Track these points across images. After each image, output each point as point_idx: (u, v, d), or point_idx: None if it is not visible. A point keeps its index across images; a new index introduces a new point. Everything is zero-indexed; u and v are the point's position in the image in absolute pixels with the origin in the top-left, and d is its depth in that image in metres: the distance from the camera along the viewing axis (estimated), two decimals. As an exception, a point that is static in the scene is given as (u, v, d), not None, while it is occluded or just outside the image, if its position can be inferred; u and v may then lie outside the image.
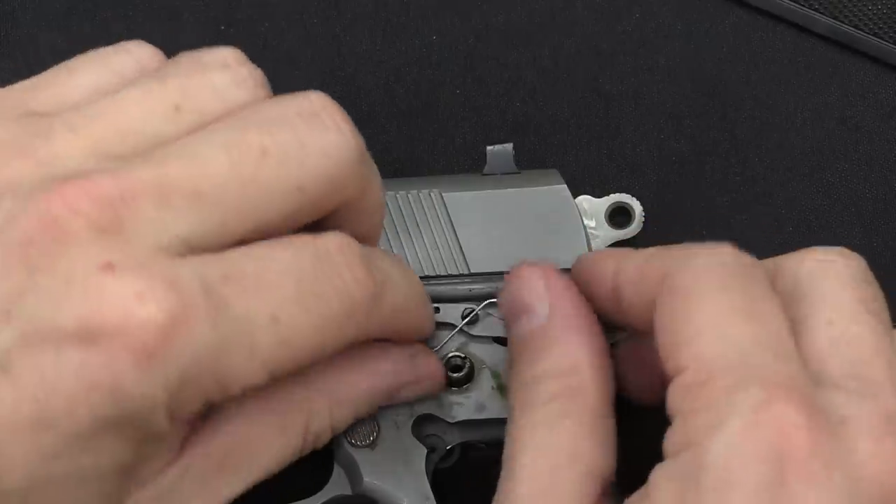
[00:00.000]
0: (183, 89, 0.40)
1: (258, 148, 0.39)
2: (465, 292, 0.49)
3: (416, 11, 0.57)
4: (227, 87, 0.41)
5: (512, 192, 0.50)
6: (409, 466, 0.47)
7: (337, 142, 0.40)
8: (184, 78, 0.41)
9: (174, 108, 0.40)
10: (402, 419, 0.48)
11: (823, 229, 0.55)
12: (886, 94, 0.55)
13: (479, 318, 0.49)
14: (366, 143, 0.55)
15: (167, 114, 0.40)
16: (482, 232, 0.49)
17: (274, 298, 0.38)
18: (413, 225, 0.49)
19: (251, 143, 0.39)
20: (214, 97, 0.40)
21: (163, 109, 0.40)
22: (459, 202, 0.50)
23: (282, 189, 0.39)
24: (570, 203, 0.50)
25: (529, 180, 0.50)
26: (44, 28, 0.57)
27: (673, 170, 0.55)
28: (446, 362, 0.48)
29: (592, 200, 0.51)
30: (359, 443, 0.48)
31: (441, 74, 0.56)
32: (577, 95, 0.56)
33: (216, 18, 0.57)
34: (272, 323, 0.38)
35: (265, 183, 0.39)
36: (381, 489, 0.47)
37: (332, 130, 0.40)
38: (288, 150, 0.39)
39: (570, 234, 0.49)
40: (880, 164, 0.55)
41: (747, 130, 0.55)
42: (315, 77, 0.56)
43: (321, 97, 0.41)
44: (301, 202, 0.40)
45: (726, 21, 0.56)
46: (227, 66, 0.41)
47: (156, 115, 0.40)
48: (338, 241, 0.41)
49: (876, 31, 0.55)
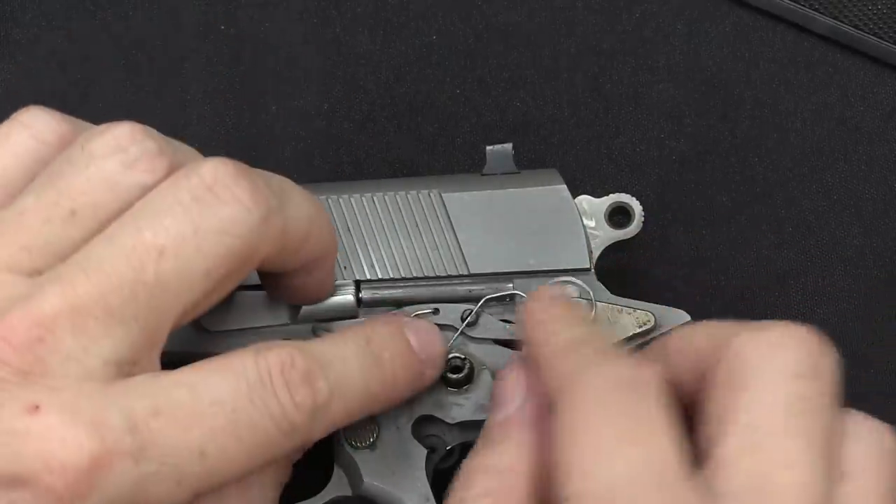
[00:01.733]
0: (76, 190, 0.40)
1: (154, 248, 0.39)
2: (465, 293, 0.49)
3: (416, 11, 0.57)
4: (120, 175, 0.41)
5: (512, 192, 0.50)
6: (409, 467, 0.47)
7: (233, 215, 0.40)
8: (75, 176, 0.41)
9: (70, 213, 0.40)
10: (403, 420, 0.48)
11: (823, 229, 0.55)
12: (886, 94, 0.55)
13: (479, 318, 0.49)
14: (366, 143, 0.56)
15: (65, 219, 0.40)
16: (482, 232, 0.49)
17: (204, 432, 0.39)
18: (413, 225, 0.49)
19: (147, 243, 0.39)
20: (107, 190, 0.40)
21: (60, 216, 0.40)
22: (459, 202, 0.50)
23: (187, 280, 0.40)
24: (570, 203, 0.50)
25: (529, 180, 0.50)
26: (44, 28, 0.57)
27: (673, 169, 0.55)
28: (446, 363, 0.48)
29: (592, 200, 0.51)
30: (359, 444, 0.47)
31: (441, 74, 0.56)
32: (577, 95, 0.56)
33: (216, 18, 0.57)
34: (200, 457, 0.39)
35: (169, 281, 0.39)
36: (381, 490, 0.47)
37: (227, 204, 0.40)
38: (183, 242, 0.40)
39: (569, 233, 0.49)
40: (880, 164, 0.55)
41: (747, 130, 0.55)
42: (315, 77, 0.56)
43: (215, 168, 0.41)
44: (213, 281, 0.40)
45: (726, 21, 0.56)
46: (116, 150, 0.41)
47: (54, 224, 0.40)
48: (282, 358, 0.41)
49: (876, 31, 0.55)
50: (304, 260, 0.45)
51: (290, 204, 0.43)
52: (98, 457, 0.37)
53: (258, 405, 0.40)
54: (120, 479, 0.38)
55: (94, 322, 0.39)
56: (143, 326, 0.39)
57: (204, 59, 0.56)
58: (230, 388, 0.40)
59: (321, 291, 0.48)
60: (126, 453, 0.38)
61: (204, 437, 0.39)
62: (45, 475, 0.37)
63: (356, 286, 0.49)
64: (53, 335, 0.38)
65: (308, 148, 0.56)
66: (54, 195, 0.40)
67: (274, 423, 0.40)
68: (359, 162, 0.55)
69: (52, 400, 0.38)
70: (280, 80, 0.56)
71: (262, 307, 0.49)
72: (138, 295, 0.39)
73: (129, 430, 0.38)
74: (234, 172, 0.41)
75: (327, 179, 0.55)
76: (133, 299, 0.39)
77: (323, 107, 0.56)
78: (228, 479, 0.40)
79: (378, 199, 0.49)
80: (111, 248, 0.39)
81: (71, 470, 0.37)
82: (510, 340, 0.48)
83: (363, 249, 0.49)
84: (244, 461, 0.40)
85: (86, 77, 0.56)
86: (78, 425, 0.37)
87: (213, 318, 0.48)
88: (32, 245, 0.40)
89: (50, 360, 0.38)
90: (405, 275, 0.49)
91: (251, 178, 0.41)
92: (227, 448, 0.39)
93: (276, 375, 0.40)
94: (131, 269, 0.39)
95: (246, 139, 0.56)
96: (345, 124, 0.56)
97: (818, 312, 0.54)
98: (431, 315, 0.48)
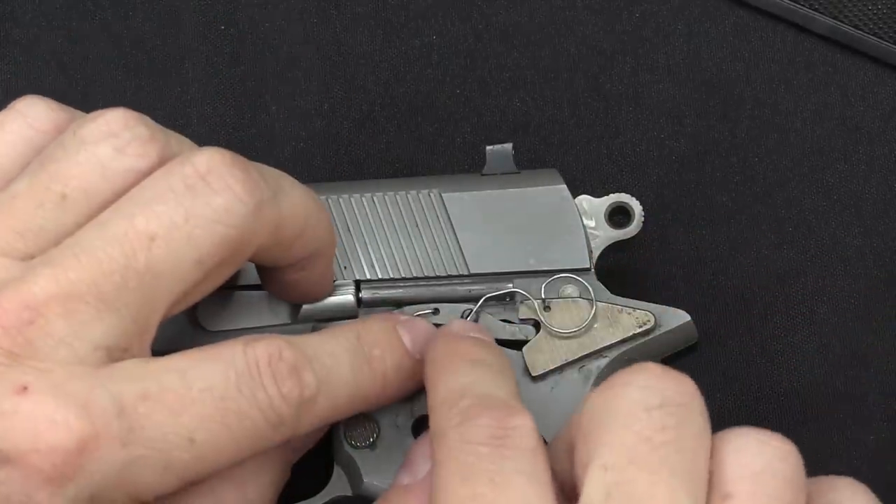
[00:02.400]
0: (67, 175, 0.41)
1: (146, 235, 0.40)
2: (465, 293, 0.49)
3: (416, 11, 0.57)
4: (112, 160, 0.41)
5: (511, 192, 0.50)
6: None
7: (225, 204, 0.40)
8: (66, 161, 0.41)
9: (61, 197, 0.40)
10: (403, 419, 0.48)
11: (823, 229, 0.55)
12: (886, 94, 0.55)
13: (479, 318, 0.49)
14: (366, 143, 0.56)
15: (56, 203, 0.40)
16: (482, 232, 0.49)
17: (192, 418, 0.39)
18: (413, 225, 0.49)
19: (139, 230, 0.39)
20: (99, 175, 0.41)
21: (51, 201, 0.40)
22: (459, 202, 0.50)
23: (179, 268, 0.40)
24: (570, 203, 0.50)
25: (529, 180, 0.50)
26: (44, 28, 0.57)
27: (673, 169, 0.55)
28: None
29: (592, 200, 0.51)
30: (359, 444, 0.47)
31: (441, 74, 0.56)
32: (577, 95, 0.56)
33: (216, 18, 0.57)
34: (189, 443, 0.39)
35: (160, 268, 0.40)
36: (381, 490, 0.47)
37: (219, 193, 0.40)
38: (175, 229, 0.40)
39: (569, 234, 0.49)
40: (880, 164, 0.55)
41: (747, 130, 0.55)
42: (315, 77, 0.56)
43: (209, 157, 0.41)
44: (204, 270, 0.41)
45: (726, 21, 0.56)
46: (108, 135, 0.41)
47: (46, 208, 0.40)
48: (270, 350, 0.41)
49: (876, 31, 0.55)
50: (300, 254, 0.45)
51: (285, 196, 0.43)
52: (86, 439, 0.37)
53: (246, 394, 0.40)
54: (107, 461, 0.38)
55: (85, 307, 0.39)
56: (134, 313, 0.39)
57: (204, 59, 0.56)
58: (219, 376, 0.40)
59: (320, 289, 0.48)
60: (114, 436, 0.38)
61: (193, 423, 0.39)
62: (32, 455, 0.37)
63: (356, 286, 0.49)
64: (44, 318, 0.38)
65: (308, 148, 0.56)
66: (46, 179, 0.41)
67: (261, 413, 0.40)
68: (359, 162, 0.55)
69: (41, 381, 0.38)
70: (280, 80, 0.56)
71: (261, 307, 0.49)
72: (129, 282, 0.39)
73: (118, 414, 0.38)
74: (229, 162, 0.41)
75: (327, 179, 0.55)
76: (124, 286, 0.39)
77: (323, 107, 0.56)
78: (216, 467, 0.40)
79: (378, 199, 0.49)
80: (103, 234, 0.40)
81: (58, 451, 0.37)
82: (510, 340, 0.49)
83: (363, 249, 0.49)
84: (232, 450, 0.40)
85: (86, 77, 0.56)
86: (67, 407, 0.38)
87: (212, 318, 0.48)
88: (26, 230, 0.40)
89: (40, 343, 0.38)
90: (405, 275, 0.49)
91: (245, 169, 0.41)
92: (215, 435, 0.40)
93: (264, 366, 0.41)
94: (123, 256, 0.39)
95: (246, 139, 0.56)
96: (344, 124, 0.56)
97: (818, 312, 0.54)
98: (431, 315, 0.49)
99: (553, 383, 0.48)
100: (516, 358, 0.48)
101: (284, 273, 0.46)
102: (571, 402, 0.48)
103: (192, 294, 0.41)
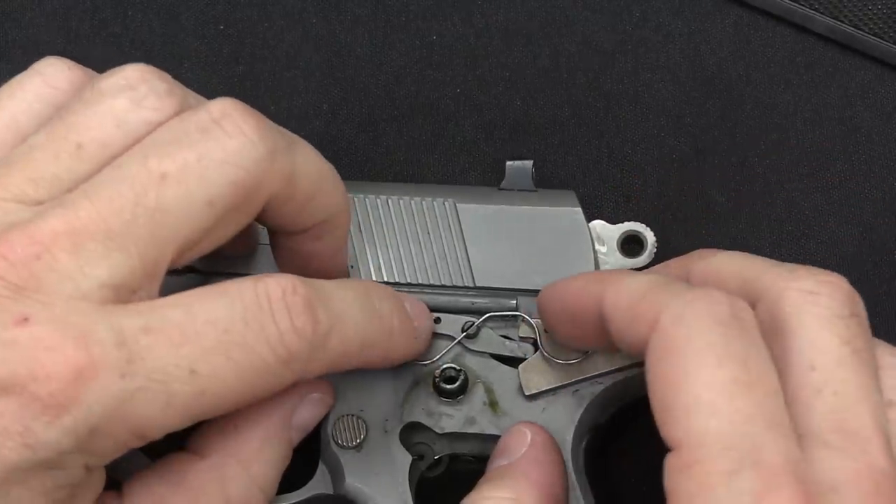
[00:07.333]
0: (83, 125, 0.41)
1: (157, 173, 0.40)
2: (468, 305, 0.49)
3: (416, 11, 0.57)
4: (128, 111, 0.41)
5: (526, 210, 0.50)
6: (393, 472, 0.47)
7: (238, 147, 0.41)
8: (83, 113, 0.41)
9: (77, 147, 0.41)
10: (392, 424, 0.48)
11: (823, 229, 0.55)
12: (886, 94, 0.55)
13: (479, 332, 0.49)
14: (366, 144, 0.56)
15: (71, 153, 0.41)
16: (492, 246, 0.49)
17: (193, 349, 0.39)
18: (424, 232, 0.49)
19: (151, 169, 0.40)
20: (115, 126, 0.41)
21: (67, 151, 0.41)
22: (473, 214, 0.49)
23: (189, 208, 0.40)
24: (583, 226, 0.49)
25: (545, 200, 0.50)
26: (44, 28, 0.57)
27: (673, 169, 0.55)
28: (441, 373, 0.48)
29: (606, 226, 0.50)
30: (345, 444, 0.47)
31: (441, 74, 0.56)
32: (577, 95, 0.56)
33: (216, 18, 0.57)
34: (190, 375, 0.39)
35: (171, 206, 0.40)
36: (361, 492, 0.47)
37: (233, 136, 0.41)
38: (186, 168, 0.40)
39: (579, 257, 0.49)
40: (880, 164, 0.55)
41: (747, 130, 0.55)
42: (315, 77, 0.56)
43: (223, 104, 0.41)
44: (215, 214, 0.41)
45: (726, 21, 0.56)
46: (126, 89, 0.42)
47: (61, 158, 0.41)
48: (281, 285, 0.41)
49: (876, 31, 0.55)
50: (313, 218, 0.45)
51: (300, 151, 0.43)
52: (83, 367, 0.38)
53: (253, 328, 0.40)
54: (105, 391, 0.38)
55: (92, 244, 0.39)
56: (143, 253, 0.40)
57: (204, 59, 0.57)
58: (224, 310, 0.40)
59: (333, 269, 0.47)
60: (112, 366, 0.38)
61: (194, 353, 0.39)
62: (29, 383, 0.37)
63: (360, 287, 0.49)
64: (51, 253, 0.39)
65: (307, 148, 0.56)
66: (63, 130, 0.41)
67: (270, 347, 0.40)
68: (358, 162, 0.56)
69: (42, 313, 0.38)
70: (279, 80, 0.56)
71: None
72: (138, 219, 0.39)
73: (117, 345, 0.38)
74: (242, 109, 0.41)
75: (326, 180, 0.55)
76: (133, 223, 0.39)
77: (322, 107, 0.56)
78: (222, 404, 0.40)
79: (392, 202, 0.49)
80: (115, 176, 0.40)
81: (55, 379, 0.37)
82: (508, 357, 0.48)
83: (371, 251, 0.49)
84: (238, 386, 0.40)
85: (86, 77, 0.56)
86: (65, 337, 0.38)
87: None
88: (40, 178, 0.40)
89: (45, 278, 0.38)
90: (411, 280, 0.49)
91: (260, 118, 0.42)
92: (218, 368, 0.39)
93: (277, 300, 0.41)
94: (133, 194, 0.40)
95: (246, 139, 0.56)
96: (344, 125, 0.56)
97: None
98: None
99: (545, 404, 0.48)
100: (511, 375, 0.48)
101: (298, 242, 0.45)
102: (562, 424, 0.47)
103: (201, 243, 0.41)
